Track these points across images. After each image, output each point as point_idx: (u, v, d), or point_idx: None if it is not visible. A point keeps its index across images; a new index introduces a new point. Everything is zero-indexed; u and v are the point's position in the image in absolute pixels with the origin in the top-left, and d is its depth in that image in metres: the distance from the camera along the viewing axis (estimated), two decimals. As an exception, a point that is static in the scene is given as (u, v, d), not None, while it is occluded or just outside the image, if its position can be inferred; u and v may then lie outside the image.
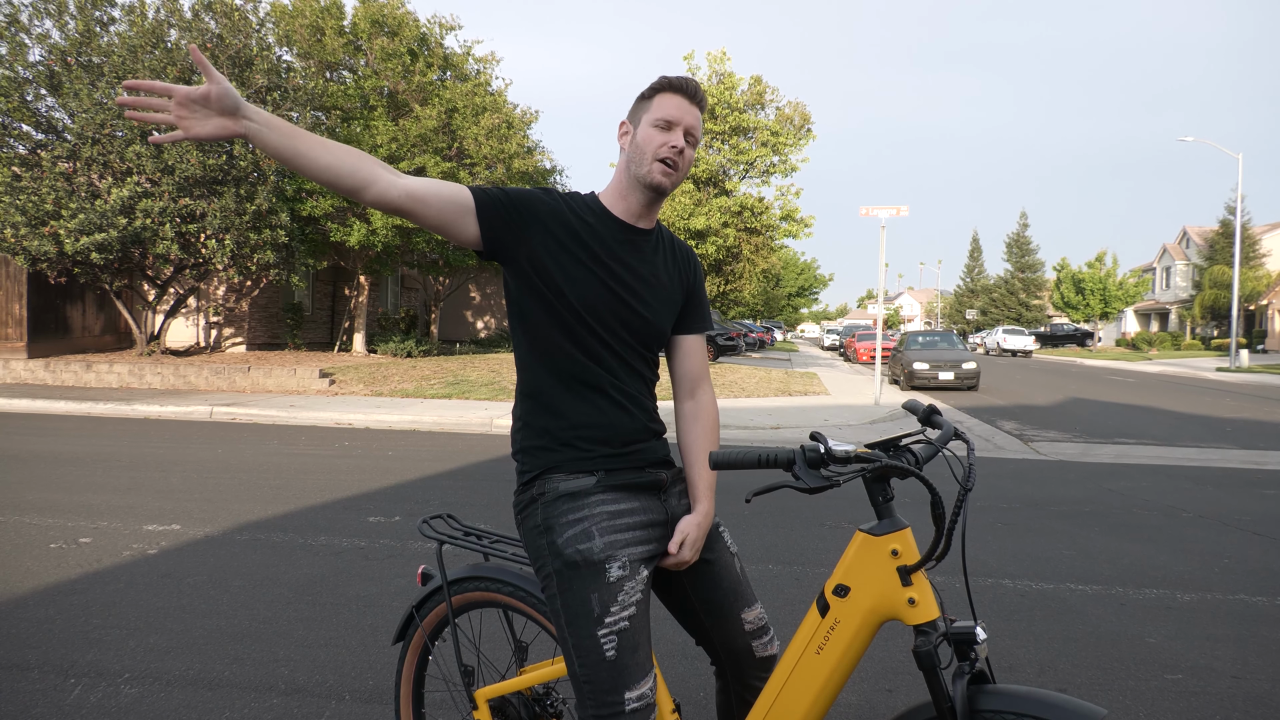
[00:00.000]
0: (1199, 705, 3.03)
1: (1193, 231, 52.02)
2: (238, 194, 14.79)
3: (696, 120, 1.74)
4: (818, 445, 1.47)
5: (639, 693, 1.60)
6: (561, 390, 1.71)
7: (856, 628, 1.52)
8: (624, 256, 1.74)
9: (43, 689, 2.98)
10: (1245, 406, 15.38)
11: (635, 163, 1.73)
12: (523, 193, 1.70)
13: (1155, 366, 29.93)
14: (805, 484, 1.44)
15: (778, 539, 5.19)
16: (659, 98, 1.74)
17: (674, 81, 1.74)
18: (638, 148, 1.73)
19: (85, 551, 4.69)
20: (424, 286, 23.71)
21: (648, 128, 1.72)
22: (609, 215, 1.76)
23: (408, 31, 17.88)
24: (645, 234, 1.79)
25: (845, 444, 1.48)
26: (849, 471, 1.48)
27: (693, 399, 1.89)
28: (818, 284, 72.10)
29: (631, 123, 1.78)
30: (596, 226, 1.73)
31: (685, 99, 1.73)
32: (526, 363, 1.75)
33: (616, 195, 1.77)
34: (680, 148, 1.71)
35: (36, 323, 15.46)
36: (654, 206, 1.78)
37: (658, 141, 1.70)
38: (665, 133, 1.71)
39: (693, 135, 1.74)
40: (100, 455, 7.82)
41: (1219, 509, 6.43)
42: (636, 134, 1.74)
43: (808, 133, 20.00)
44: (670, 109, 1.71)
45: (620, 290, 1.73)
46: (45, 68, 14.14)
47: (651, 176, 1.71)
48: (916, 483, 6.67)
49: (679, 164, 1.72)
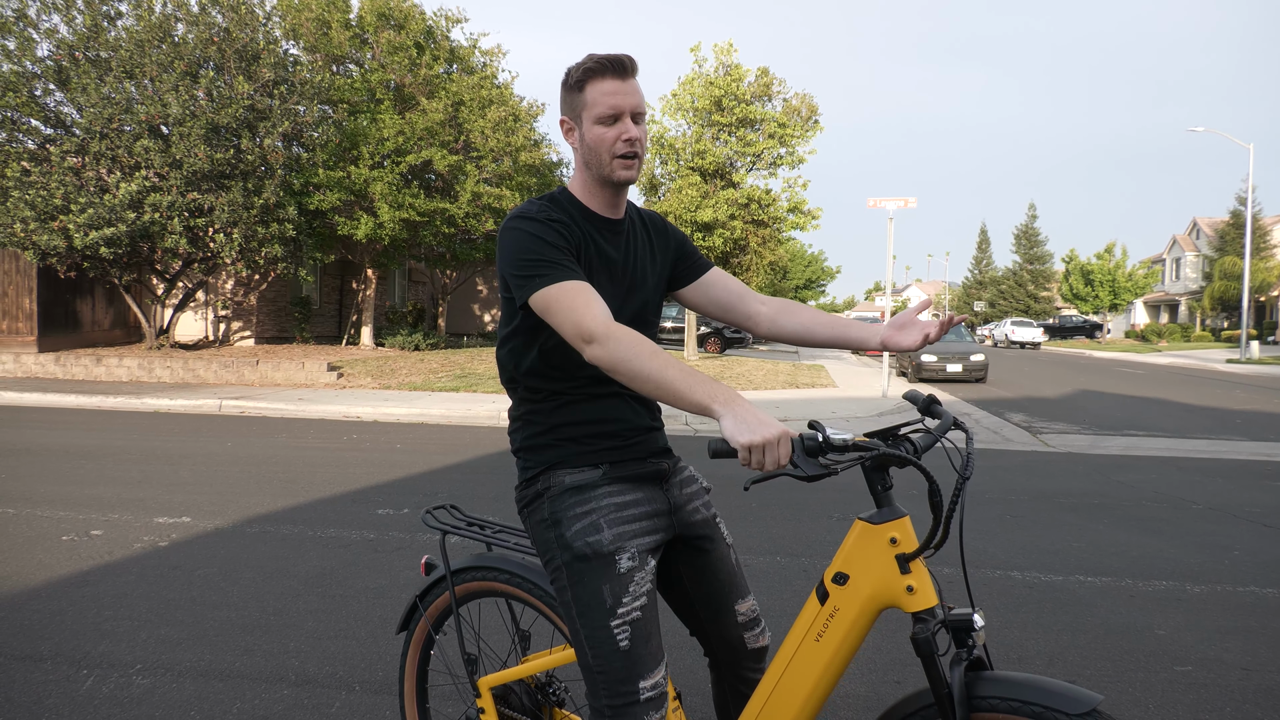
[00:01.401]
0: (1209, 697, 3.02)
1: (1203, 222, 51.66)
2: (245, 188, 14.82)
3: (638, 95, 1.63)
4: (816, 433, 1.45)
5: (653, 681, 1.60)
6: (565, 390, 1.71)
7: (855, 615, 1.53)
8: (610, 250, 1.73)
9: (55, 680, 3.01)
10: (1255, 398, 15.30)
11: (594, 164, 1.66)
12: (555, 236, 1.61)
13: (1165, 358, 29.78)
14: (803, 472, 1.41)
15: (784, 531, 5.19)
16: (591, 87, 1.62)
17: (600, 64, 1.62)
18: (590, 149, 1.65)
19: (97, 544, 4.72)
20: (431, 280, 23.73)
21: (593, 126, 1.63)
22: (591, 213, 1.72)
23: (414, 25, 17.85)
24: (619, 221, 1.77)
25: (843, 432, 1.47)
26: (847, 460, 1.47)
27: (762, 304, 1.92)
28: (825, 276, 71.89)
29: (571, 119, 1.68)
30: (585, 227, 1.70)
31: (618, 79, 1.62)
32: (526, 364, 1.72)
33: (587, 192, 1.72)
34: (633, 137, 1.62)
35: (46, 317, 15.54)
36: (622, 195, 1.74)
37: (609, 139, 1.62)
38: (614, 126, 1.62)
39: (639, 111, 1.64)
40: (111, 449, 7.86)
41: (1229, 501, 6.40)
42: (582, 133, 1.65)
43: (815, 124, 19.91)
44: (609, 99, 1.61)
45: (616, 285, 1.73)
46: (53, 62, 14.18)
47: (615, 174, 1.65)
48: (918, 473, 6.66)
49: (639, 150, 1.64)
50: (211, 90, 14.41)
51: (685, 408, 1.42)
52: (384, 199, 16.34)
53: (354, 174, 16.23)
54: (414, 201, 16.78)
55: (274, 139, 15.09)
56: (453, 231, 18.39)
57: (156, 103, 13.92)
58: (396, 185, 16.73)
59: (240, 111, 14.44)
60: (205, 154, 14.03)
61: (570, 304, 1.52)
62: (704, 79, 19.35)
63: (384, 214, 16.32)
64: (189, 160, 13.94)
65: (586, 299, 1.53)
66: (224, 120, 14.28)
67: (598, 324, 1.49)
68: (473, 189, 17.31)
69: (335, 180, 16.12)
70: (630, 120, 1.63)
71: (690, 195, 18.64)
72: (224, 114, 14.24)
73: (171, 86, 13.96)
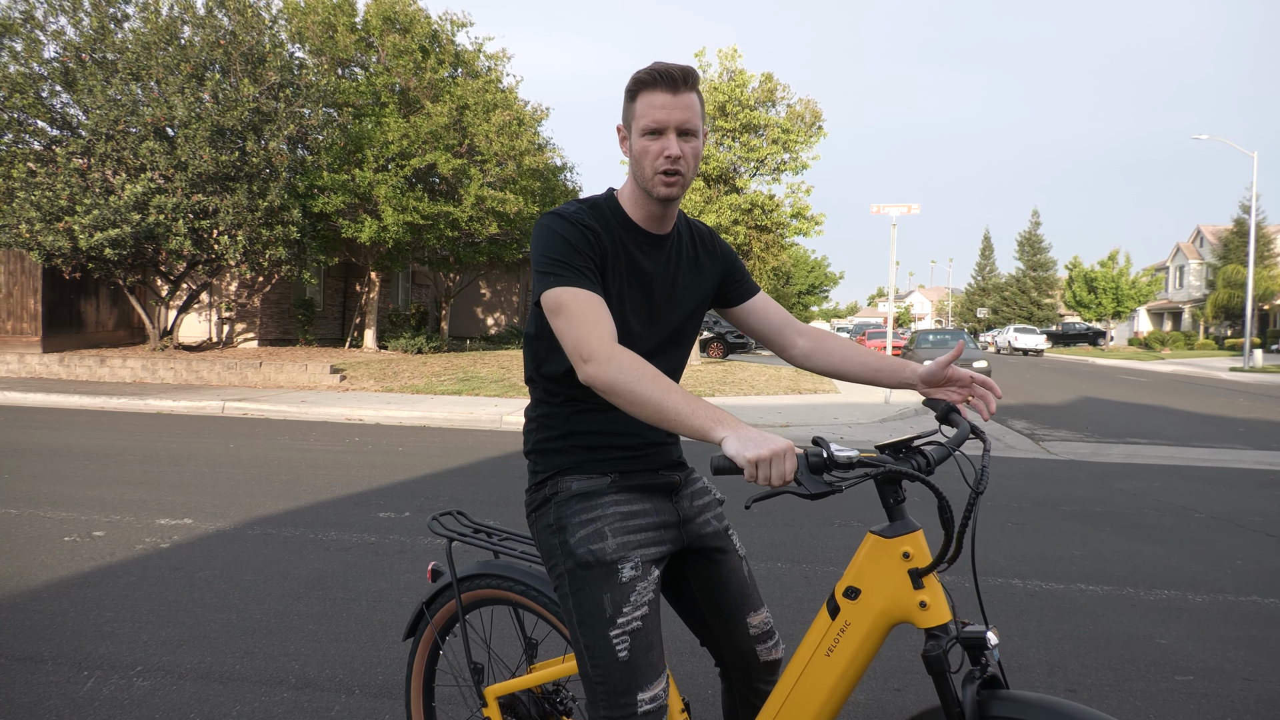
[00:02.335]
0: (1210, 707, 3.01)
1: (1207, 230, 51.60)
2: (250, 190, 14.85)
3: (689, 112, 1.58)
4: (820, 450, 1.40)
5: (652, 694, 1.59)
6: (585, 397, 1.68)
7: (867, 631, 1.51)
8: (646, 264, 1.70)
9: (56, 681, 3.01)
10: (1259, 407, 15.26)
11: (639, 176, 1.64)
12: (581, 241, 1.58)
13: (1168, 366, 29.72)
14: (807, 490, 1.37)
15: (786, 537, 5.18)
16: (641, 98, 1.60)
17: (651, 75, 1.58)
18: (635, 161, 1.63)
19: (98, 545, 4.73)
20: (435, 283, 23.76)
21: (639, 138, 1.61)
22: (632, 225, 1.69)
23: (419, 28, 17.91)
24: (665, 236, 1.73)
25: (848, 448, 1.42)
26: (852, 477, 1.44)
27: (800, 336, 1.91)
28: (828, 282, 71.82)
29: (626, 127, 1.66)
30: (621, 236, 1.67)
31: (668, 92, 1.58)
32: (548, 368, 1.71)
33: (633, 202, 1.69)
34: (675, 154, 1.58)
35: (51, 317, 15.58)
36: (670, 210, 1.69)
37: (652, 153, 1.59)
38: (657, 140, 1.59)
39: (687, 129, 1.59)
40: (113, 450, 7.88)
41: (1232, 510, 6.39)
42: (632, 142, 1.63)
43: (819, 130, 19.92)
44: (655, 112, 1.58)
45: (652, 299, 1.70)
46: (60, 64, 14.24)
47: (655, 190, 1.62)
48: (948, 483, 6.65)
49: (681, 169, 1.60)
50: (217, 93, 14.46)
51: (687, 433, 1.40)
52: (388, 202, 16.37)
53: (358, 177, 16.27)
54: (418, 205, 16.81)
55: (279, 141, 15.13)
56: (456, 235, 18.41)
57: (162, 105, 13.97)
58: (401, 188, 16.77)
59: (245, 114, 14.48)
60: (210, 156, 14.07)
61: (579, 316, 1.50)
62: (708, 84, 19.38)
63: (388, 217, 16.35)
64: (194, 162, 13.98)
65: (596, 316, 1.50)
66: (229, 123, 14.32)
67: (601, 344, 1.46)
68: (477, 193, 17.34)
69: (340, 183, 16.15)
70: (675, 136, 1.59)
71: (694, 200, 18.66)
72: (229, 116, 14.28)
73: (177, 89, 14.01)
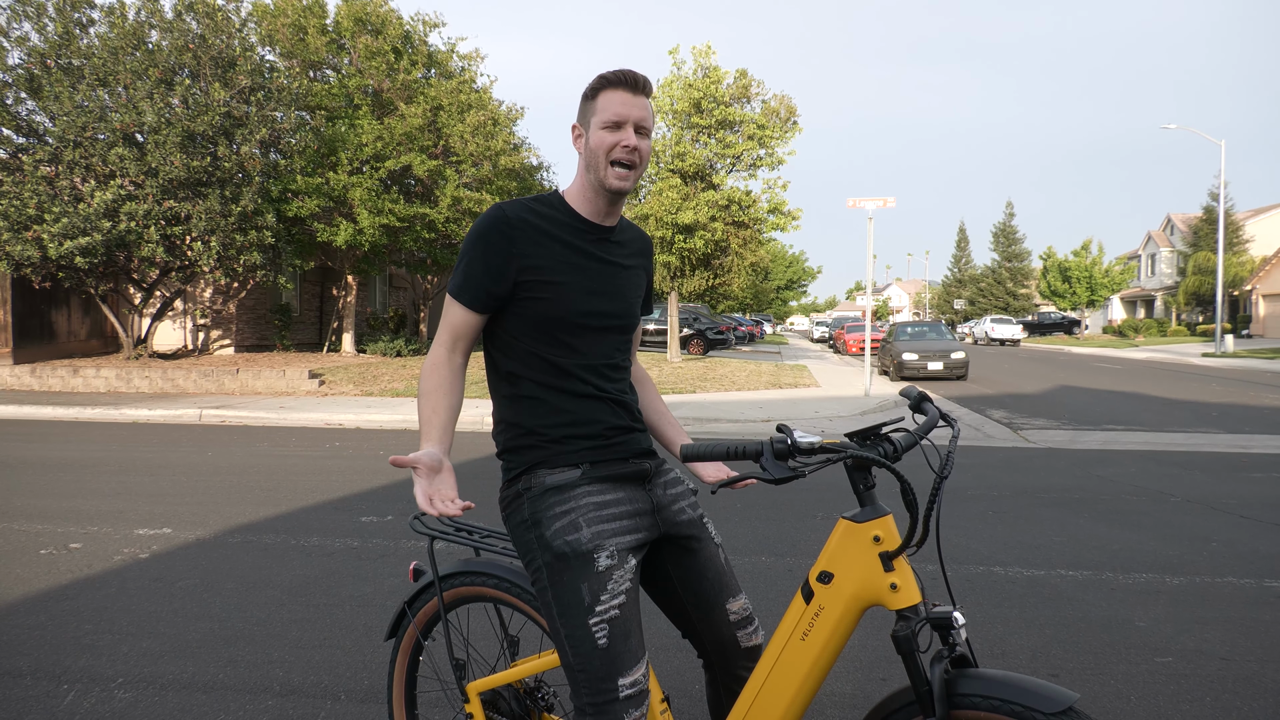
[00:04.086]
0: (1189, 687, 3.06)
1: (1177, 218, 52.32)
2: (223, 195, 14.70)
3: (645, 111, 1.72)
4: (784, 437, 1.49)
5: (632, 679, 1.62)
6: (545, 392, 1.74)
7: (840, 614, 1.55)
8: (599, 256, 1.77)
9: (35, 695, 2.97)
10: (1231, 391, 15.51)
11: (592, 167, 1.72)
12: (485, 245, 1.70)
13: (1142, 353, 30.12)
14: (771, 475, 1.46)
15: (770, 531, 5.21)
16: (603, 96, 1.71)
17: (615, 76, 1.71)
18: (591, 152, 1.71)
19: (76, 557, 4.67)
20: (412, 285, 23.63)
21: (598, 130, 1.70)
22: (578, 217, 1.76)
23: (391, 30, 17.80)
24: (612, 230, 1.81)
25: (811, 435, 1.51)
26: (814, 462, 1.50)
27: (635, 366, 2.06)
28: (806, 276, 72.27)
29: (582, 125, 1.76)
30: (567, 233, 1.74)
31: (629, 92, 1.70)
32: (507, 368, 1.77)
33: (582, 198, 1.76)
34: (633, 145, 1.69)
35: (21, 328, 15.33)
36: (617, 205, 1.78)
37: (609, 143, 1.69)
38: (615, 132, 1.69)
39: (643, 127, 1.72)
40: (89, 460, 7.77)
41: (1206, 493, 6.49)
42: (589, 137, 1.72)
43: (794, 125, 20.01)
44: (616, 106, 1.69)
45: (599, 292, 1.75)
46: (25, 70, 14.03)
47: (609, 181, 1.70)
48: (917, 470, 6.70)
49: (634, 161, 1.71)
50: (187, 97, 14.29)
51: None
52: (363, 205, 16.26)
53: (333, 180, 16.15)
54: (394, 207, 16.71)
55: (251, 146, 14.98)
56: (433, 237, 18.32)
57: (131, 110, 13.79)
58: (376, 191, 16.66)
59: (216, 119, 14.33)
60: (181, 162, 13.91)
61: (444, 320, 1.75)
62: (683, 81, 19.40)
63: (364, 220, 16.24)
64: (165, 168, 13.81)
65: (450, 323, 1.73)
66: (200, 127, 14.16)
67: (435, 348, 1.73)
68: (453, 194, 17.26)
69: (314, 187, 16.02)
70: (633, 130, 1.70)
71: (671, 198, 18.67)
72: (200, 121, 14.12)
73: (146, 94, 13.83)
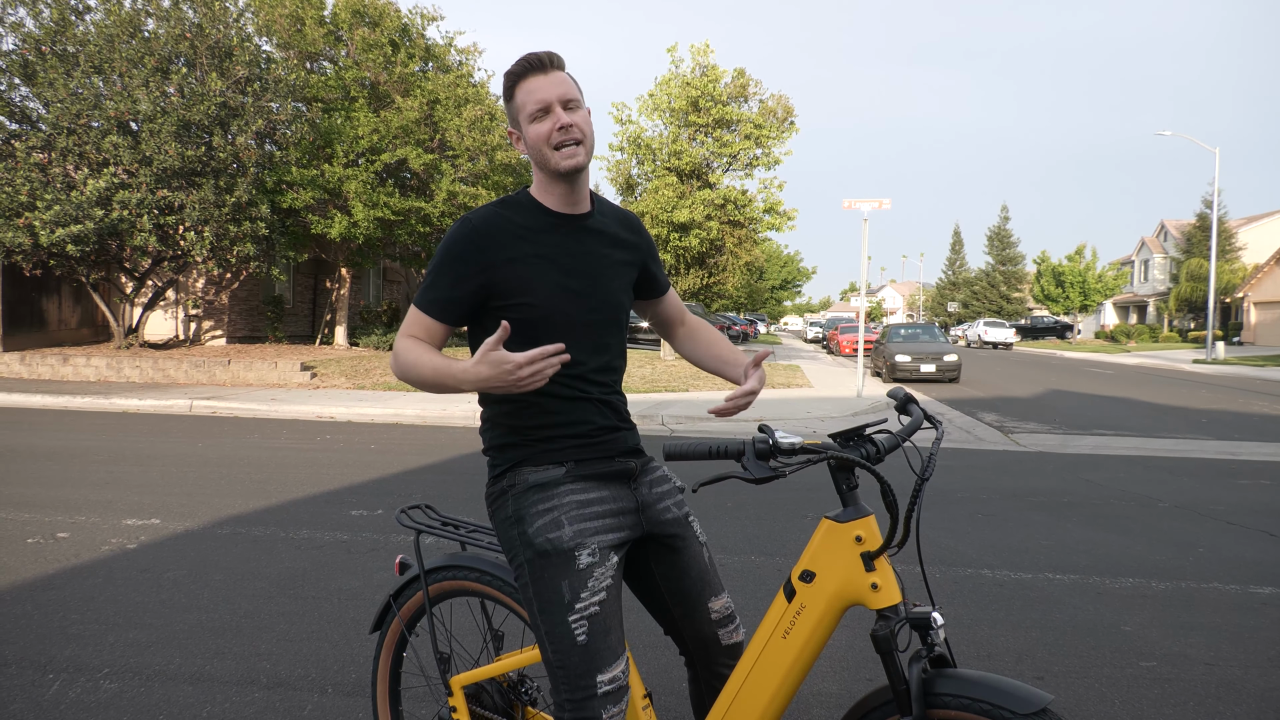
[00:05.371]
0: (1173, 692, 3.08)
1: (1170, 225, 52.53)
2: (217, 185, 14.63)
3: (565, 86, 1.69)
4: (766, 437, 1.51)
5: (611, 675, 1.64)
6: (530, 394, 1.71)
7: (822, 612, 1.56)
8: (570, 246, 1.75)
9: (20, 685, 2.96)
10: (1221, 398, 15.59)
11: (539, 162, 1.71)
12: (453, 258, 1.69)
13: (1133, 359, 30.25)
14: (751, 475, 1.49)
15: (759, 531, 5.22)
16: (520, 90, 1.70)
17: (521, 67, 1.70)
18: (533, 148, 1.71)
19: (63, 547, 4.65)
20: (406, 279, 23.59)
21: (529, 125, 1.70)
22: (544, 210, 1.75)
23: (389, 22, 17.72)
24: (584, 216, 1.78)
25: (793, 435, 1.52)
26: (795, 462, 1.52)
27: (683, 324, 2.05)
28: (801, 277, 72.31)
29: (514, 127, 1.76)
30: (535, 226, 1.73)
31: (540, 75, 1.69)
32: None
33: (544, 190, 1.76)
34: (566, 123, 1.67)
35: (11, 316, 15.25)
36: (579, 187, 1.75)
37: (544, 132, 1.68)
38: (545, 119, 1.68)
39: (569, 101, 1.69)
40: (78, 450, 7.74)
41: (1194, 499, 6.52)
42: (525, 136, 1.72)
43: (790, 125, 20.03)
44: (535, 94, 1.68)
45: (576, 283, 1.74)
46: (19, 57, 13.92)
47: (560, 165, 1.68)
48: (904, 471, 6.72)
49: (577, 138, 1.68)
50: (183, 86, 14.22)
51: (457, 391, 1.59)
52: (358, 198, 16.21)
53: (328, 172, 16.08)
54: (389, 200, 16.66)
55: (247, 136, 14.91)
56: (428, 231, 18.27)
57: (126, 99, 13.71)
58: (371, 184, 16.60)
59: (212, 108, 14.26)
60: (176, 151, 13.83)
61: (409, 322, 1.74)
62: (680, 79, 19.40)
63: (358, 213, 16.18)
64: (159, 157, 13.74)
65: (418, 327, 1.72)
66: (195, 117, 14.09)
67: (400, 339, 1.70)
68: (448, 188, 17.21)
69: (309, 178, 15.95)
70: (561, 109, 1.68)
71: (666, 195, 18.66)
72: (195, 110, 14.06)
73: (141, 82, 13.76)
